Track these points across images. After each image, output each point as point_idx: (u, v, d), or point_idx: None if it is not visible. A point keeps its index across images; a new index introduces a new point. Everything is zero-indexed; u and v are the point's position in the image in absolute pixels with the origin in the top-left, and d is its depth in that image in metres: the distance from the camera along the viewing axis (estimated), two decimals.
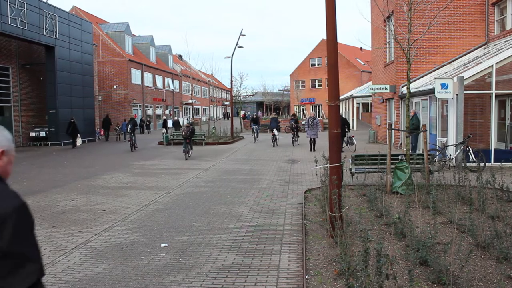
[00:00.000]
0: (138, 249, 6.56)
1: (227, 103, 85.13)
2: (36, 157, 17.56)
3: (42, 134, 27.72)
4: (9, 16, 23.18)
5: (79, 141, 27.70)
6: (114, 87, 42.71)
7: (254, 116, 32.31)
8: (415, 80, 20.02)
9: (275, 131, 25.07)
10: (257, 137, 29.40)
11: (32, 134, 28.11)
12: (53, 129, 27.70)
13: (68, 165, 17.71)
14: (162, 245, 6.73)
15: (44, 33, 26.70)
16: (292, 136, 25.70)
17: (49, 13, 27.08)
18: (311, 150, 21.20)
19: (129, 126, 25.29)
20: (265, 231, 7.41)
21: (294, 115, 32.10)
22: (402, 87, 20.96)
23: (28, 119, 28.47)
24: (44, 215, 8.96)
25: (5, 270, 1.72)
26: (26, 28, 24.75)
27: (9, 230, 1.74)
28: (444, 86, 14.23)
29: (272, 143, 25.04)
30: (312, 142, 21.57)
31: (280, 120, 32.69)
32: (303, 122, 41.99)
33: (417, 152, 15.49)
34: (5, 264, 1.73)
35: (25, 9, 24.50)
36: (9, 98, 27.06)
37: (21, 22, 24.26)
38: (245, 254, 6.21)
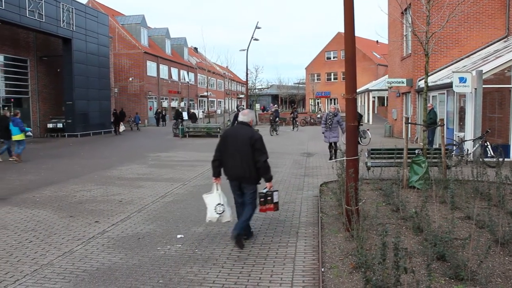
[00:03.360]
0: (154, 240, 6.61)
1: (242, 96, 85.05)
2: (53, 148, 17.80)
3: (59, 125, 28.03)
4: (27, 8, 23.43)
5: (122, 128, 31.35)
6: (130, 79, 42.94)
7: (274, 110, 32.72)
8: (432, 74, 19.81)
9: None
10: (277, 131, 28.87)
11: (49, 126, 28.43)
12: (70, 121, 27.99)
13: (85, 156, 17.90)
14: (178, 236, 6.77)
15: (61, 26, 26.96)
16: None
17: (66, 6, 27.29)
18: (331, 158, 15.21)
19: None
20: (280, 223, 7.42)
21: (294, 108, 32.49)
22: (419, 80, 20.75)
23: (45, 110, 28.80)
24: (62, 205, 9.07)
25: None
26: (43, 21, 25.00)
27: None
28: (462, 80, 14.06)
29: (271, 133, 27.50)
30: (333, 148, 15.39)
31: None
32: (318, 116, 41.90)
33: (434, 146, 15.35)
34: None
35: (43, 2, 24.73)
36: (27, 90, 27.41)
37: (39, 14, 24.51)
38: (261, 246, 6.22)
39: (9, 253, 6.13)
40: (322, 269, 5.21)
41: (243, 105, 14.15)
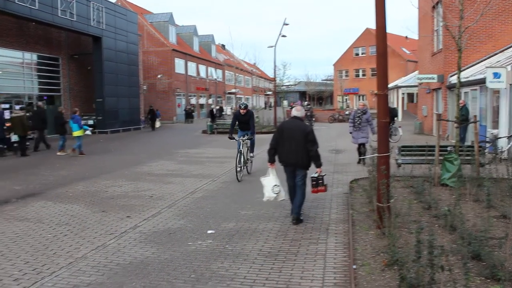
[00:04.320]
0: (185, 235, 6.67)
1: (270, 92, 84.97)
2: (84, 144, 18.15)
3: (90, 122, 28.52)
4: (59, 8, 23.93)
5: (158, 124, 33.41)
6: (159, 76, 43.36)
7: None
8: (464, 69, 19.38)
9: None
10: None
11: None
12: (100, 117, 28.46)
13: (115, 153, 18.19)
14: (209, 231, 6.82)
15: (92, 24, 27.45)
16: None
17: (96, 5, 27.77)
18: (359, 162, 13.66)
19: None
20: (310, 220, 7.39)
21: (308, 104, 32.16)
22: (451, 76, 20.34)
23: (76, 107, 29.31)
24: (94, 200, 9.24)
25: None
26: (75, 20, 25.53)
27: None
28: (496, 75, 13.71)
29: None
30: (361, 149, 13.67)
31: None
32: (346, 112, 41.51)
33: (466, 144, 15.03)
34: None
35: (74, 1, 25.24)
36: (59, 87, 27.99)
37: (70, 14, 25.03)
38: (291, 243, 6.22)
39: (45, 246, 6.29)
40: (354, 266, 5.16)
41: (244, 103, 13.89)
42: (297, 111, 7.55)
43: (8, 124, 17.61)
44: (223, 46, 74.29)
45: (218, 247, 6.11)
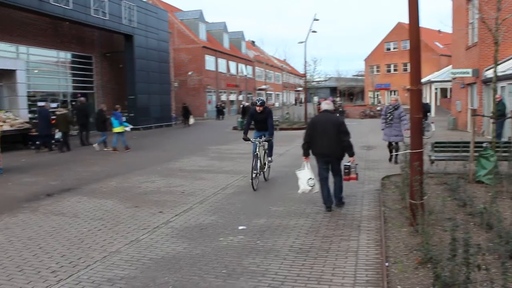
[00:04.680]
0: (216, 231, 6.72)
1: (300, 88, 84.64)
2: (118, 141, 18.60)
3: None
4: (92, 8, 24.42)
5: (192, 120, 33.90)
6: (189, 73, 43.72)
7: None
8: (501, 63, 18.86)
9: None
10: None
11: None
12: (132, 114, 28.90)
13: (148, 149, 18.45)
14: (240, 227, 6.85)
15: (123, 23, 27.87)
16: None
17: (127, 3, 28.20)
18: (390, 160, 12.99)
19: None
20: (342, 217, 7.33)
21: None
22: (486, 70, 19.82)
23: (108, 105, 29.82)
24: (128, 195, 9.40)
25: None
26: (107, 19, 25.99)
27: None
28: None
29: None
30: (393, 147, 12.88)
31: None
32: (377, 108, 40.98)
33: (502, 140, 14.63)
34: None
35: (107, 1, 25.67)
36: (92, 85, 28.52)
37: (102, 13, 25.53)
38: (323, 239, 6.19)
39: (81, 239, 6.44)
40: (386, 264, 5.10)
41: (260, 98, 13.57)
42: (327, 104, 8.04)
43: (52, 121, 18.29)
44: (253, 42, 74.40)
45: (249, 243, 6.13)
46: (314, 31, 32.79)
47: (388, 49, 68.63)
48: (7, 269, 5.40)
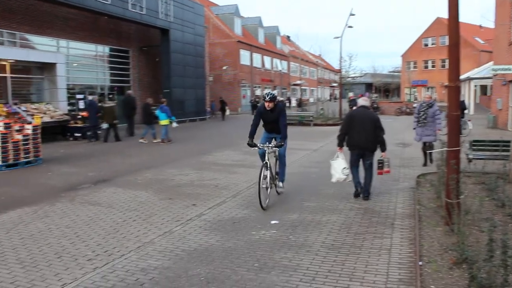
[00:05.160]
0: (249, 224, 6.76)
1: (335, 84, 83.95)
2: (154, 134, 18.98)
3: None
4: (129, 2, 24.83)
5: (227, 112, 34.95)
6: (224, 67, 43.92)
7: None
8: None
9: None
10: None
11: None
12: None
13: (182, 142, 18.66)
14: (272, 221, 6.86)
15: (160, 17, 28.22)
16: None
17: None
18: (425, 163, 11.90)
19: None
20: (375, 214, 7.26)
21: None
22: None
23: (145, 98, 30.32)
24: (162, 187, 9.55)
25: None
26: (144, 13, 26.37)
27: None
28: None
29: None
30: (427, 148, 11.82)
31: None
32: (414, 105, 40.22)
33: None
34: None
35: None
36: (129, 78, 29.01)
37: (139, 7, 25.92)
38: (355, 236, 6.14)
39: (116, 229, 6.59)
40: (420, 263, 5.03)
41: (270, 92, 13.24)
42: (364, 101, 8.57)
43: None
44: (288, 37, 74.08)
45: (282, 237, 6.14)
46: (350, 26, 32.42)
47: (426, 45, 67.24)
48: (46, 255, 5.59)
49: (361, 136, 8.04)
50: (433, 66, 66.06)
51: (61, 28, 22.77)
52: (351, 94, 43.13)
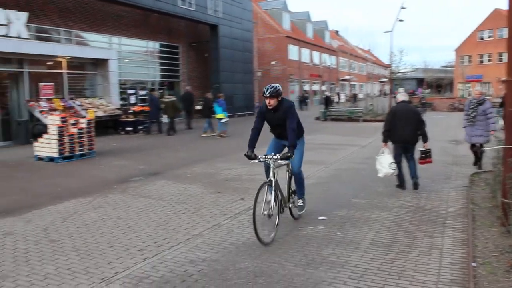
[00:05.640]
0: (297, 220, 6.74)
1: (385, 79, 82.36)
2: (200, 129, 19.24)
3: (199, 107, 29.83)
4: None
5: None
6: (273, 63, 43.91)
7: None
8: None
9: None
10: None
11: (198, 107, 30.33)
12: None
13: (231, 137, 18.83)
14: (320, 217, 6.82)
15: (209, 13, 28.56)
16: None
17: None
18: (475, 163, 10.93)
19: None
20: (426, 212, 7.07)
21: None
22: None
23: (194, 93, 30.82)
24: (210, 181, 9.69)
25: None
26: (193, 9, 26.78)
27: None
28: None
29: None
30: (478, 151, 10.77)
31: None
32: (466, 102, 38.92)
33: None
34: None
35: None
36: (178, 74, 29.51)
37: (189, 4, 26.34)
38: (405, 234, 6.01)
39: (165, 221, 6.74)
40: (473, 264, 4.87)
41: (272, 85, 12.82)
42: (404, 96, 9.05)
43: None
44: (337, 32, 73.26)
45: (329, 233, 6.10)
46: (401, 20, 31.71)
47: (482, 38, 64.76)
48: (100, 244, 5.79)
49: (405, 130, 8.34)
50: (489, 60, 63.60)
51: (113, 25, 23.45)
52: (400, 90, 42.17)
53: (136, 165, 12.00)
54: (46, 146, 12.77)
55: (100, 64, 21.54)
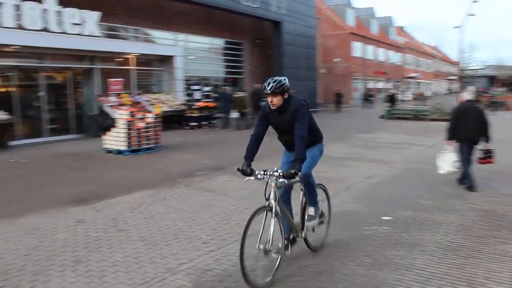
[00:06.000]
0: (360, 219, 6.64)
1: (454, 77, 79.32)
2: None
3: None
4: None
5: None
6: (337, 59, 43.38)
7: None
8: None
9: None
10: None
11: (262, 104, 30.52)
12: None
13: None
14: (384, 217, 6.68)
15: (272, 10, 28.63)
16: None
17: None
18: None
19: None
20: (498, 217, 6.74)
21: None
22: None
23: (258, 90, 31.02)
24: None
25: None
26: (257, 6, 26.93)
27: None
28: None
29: None
30: None
31: None
32: None
33: None
34: None
35: None
36: (242, 70, 29.82)
37: (252, 1, 26.47)
38: (475, 239, 5.75)
39: (229, 216, 6.84)
40: None
41: (276, 78, 12.28)
42: (470, 95, 8.99)
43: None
44: (402, 28, 71.25)
45: (394, 234, 5.95)
46: (472, 14, 30.37)
47: None
48: (165, 235, 5.98)
49: (471, 128, 8.28)
50: None
51: (179, 23, 24.00)
52: (470, 88, 40.37)
53: (201, 159, 12.24)
54: (115, 139, 13.30)
55: (166, 60, 22.18)
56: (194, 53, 26.13)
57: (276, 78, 4.77)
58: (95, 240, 5.81)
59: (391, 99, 34.56)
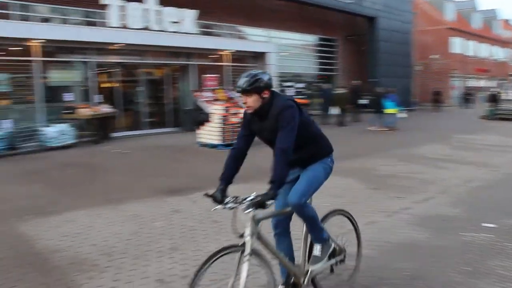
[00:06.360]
0: (458, 224, 6.32)
1: None
2: (359, 124, 19.28)
3: (363, 102, 29.24)
4: None
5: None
6: (435, 56, 41.47)
7: None
8: None
9: None
10: None
11: (362, 102, 29.82)
12: (374, 98, 28.99)
13: (388, 133, 18.37)
14: (485, 224, 6.30)
15: (366, 5, 28.04)
16: None
17: None
18: None
19: None
20: None
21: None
22: None
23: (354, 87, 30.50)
24: (367, 176, 9.62)
25: None
26: (350, 1, 26.64)
27: None
28: None
29: None
30: None
31: None
32: None
33: None
34: None
35: None
36: (334, 67, 29.51)
37: None
38: None
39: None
40: None
41: (251, 71, 10.94)
42: None
43: None
44: (508, 21, 66.51)
45: (497, 243, 5.59)
46: None
47: None
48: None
49: None
50: None
51: (271, 20, 24.27)
52: None
53: None
54: (209, 133, 13.77)
55: (259, 57, 22.52)
56: (287, 50, 26.28)
57: (252, 71, 3.56)
58: (190, 230, 6.07)
59: (494, 98, 32.41)
